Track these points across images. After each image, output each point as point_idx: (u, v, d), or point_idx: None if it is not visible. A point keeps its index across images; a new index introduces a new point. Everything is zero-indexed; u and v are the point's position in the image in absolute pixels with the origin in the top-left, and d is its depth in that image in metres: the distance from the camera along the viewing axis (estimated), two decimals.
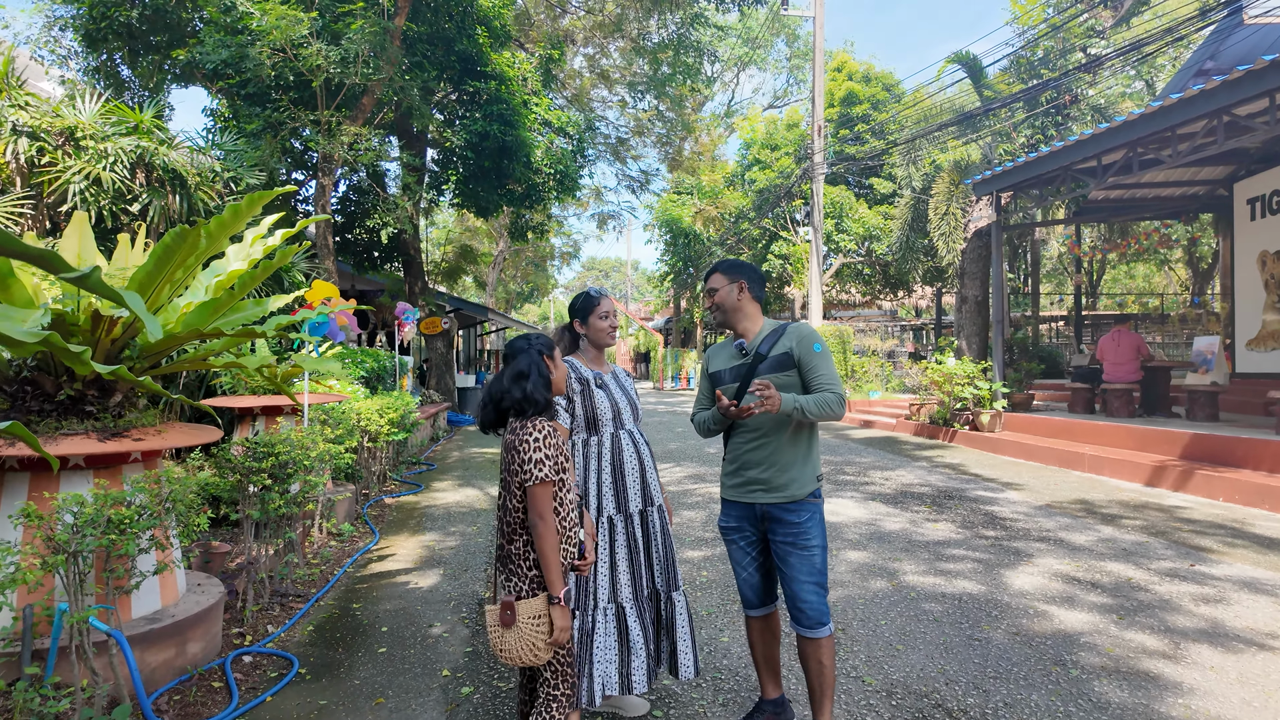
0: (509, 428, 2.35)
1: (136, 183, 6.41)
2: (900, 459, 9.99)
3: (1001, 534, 5.88)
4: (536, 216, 16.49)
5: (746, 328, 2.88)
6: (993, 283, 11.46)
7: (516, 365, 2.35)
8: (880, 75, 21.33)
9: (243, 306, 4.27)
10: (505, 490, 2.36)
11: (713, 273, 2.93)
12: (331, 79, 9.34)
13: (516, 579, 2.35)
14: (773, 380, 2.74)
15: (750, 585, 2.89)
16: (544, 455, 2.29)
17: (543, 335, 2.47)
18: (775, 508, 2.72)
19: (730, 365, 2.91)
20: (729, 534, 2.90)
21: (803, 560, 2.68)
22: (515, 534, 2.34)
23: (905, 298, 25.81)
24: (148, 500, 2.97)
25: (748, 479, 2.80)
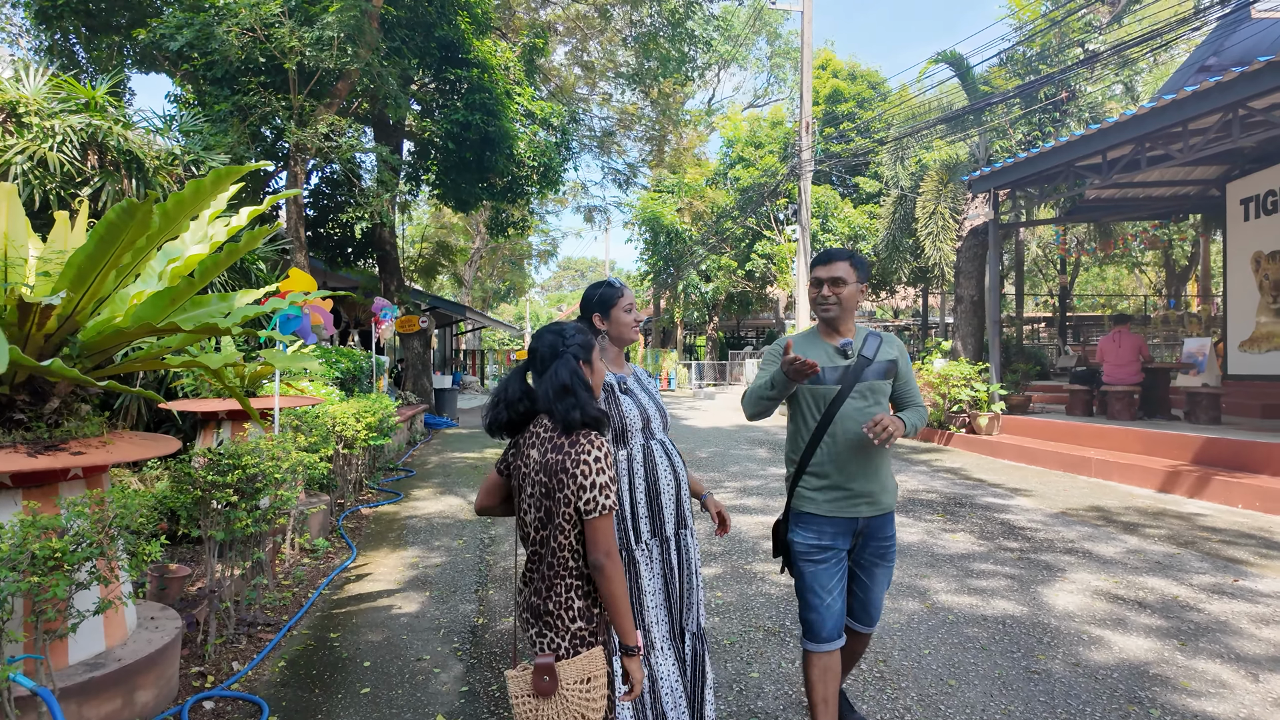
0: (549, 443, 1.91)
1: (88, 165, 5.83)
2: (899, 463, 9.67)
3: (1025, 545, 5.55)
4: (517, 212, 15.97)
5: (849, 328, 2.67)
6: (989, 282, 11.22)
7: (558, 376, 1.92)
8: (865, 73, 21.14)
9: (204, 301, 3.77)
10: (545, 524, 1.91)
11: (841, 260, 2.60)
12: (305, 62, 8.78)
13: (554, 635, 1.91)
14: (876, 387, 2.61)
15: (832, 614, 2.57)
16: (608, 479, 1.88)
17: (579, 332, 2.03)
18: (875, 520, 2.60)
19: (831, 364, 2.62)
20: (818, 554, 2.57)
21: (886, 574, 2.68)
22: (557, 579, 1.90)
23: (887, 298, 25.68)
24: (87, 527, 2.47)
25: (853, 492, 2.56)
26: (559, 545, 1.89)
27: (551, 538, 1.90)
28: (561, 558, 1.90)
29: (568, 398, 1.89)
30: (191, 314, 3.63)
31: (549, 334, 2.00)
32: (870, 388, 2.56)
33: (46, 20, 9.77)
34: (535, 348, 1.99)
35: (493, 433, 2.00)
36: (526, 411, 1.97)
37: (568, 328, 2.02)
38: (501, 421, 1.98)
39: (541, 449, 1.92)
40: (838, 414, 2.54)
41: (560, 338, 1.98)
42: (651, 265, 28.69)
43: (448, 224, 27.09)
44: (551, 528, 1.90)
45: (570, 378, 1.91)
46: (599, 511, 1.86)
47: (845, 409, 2.54)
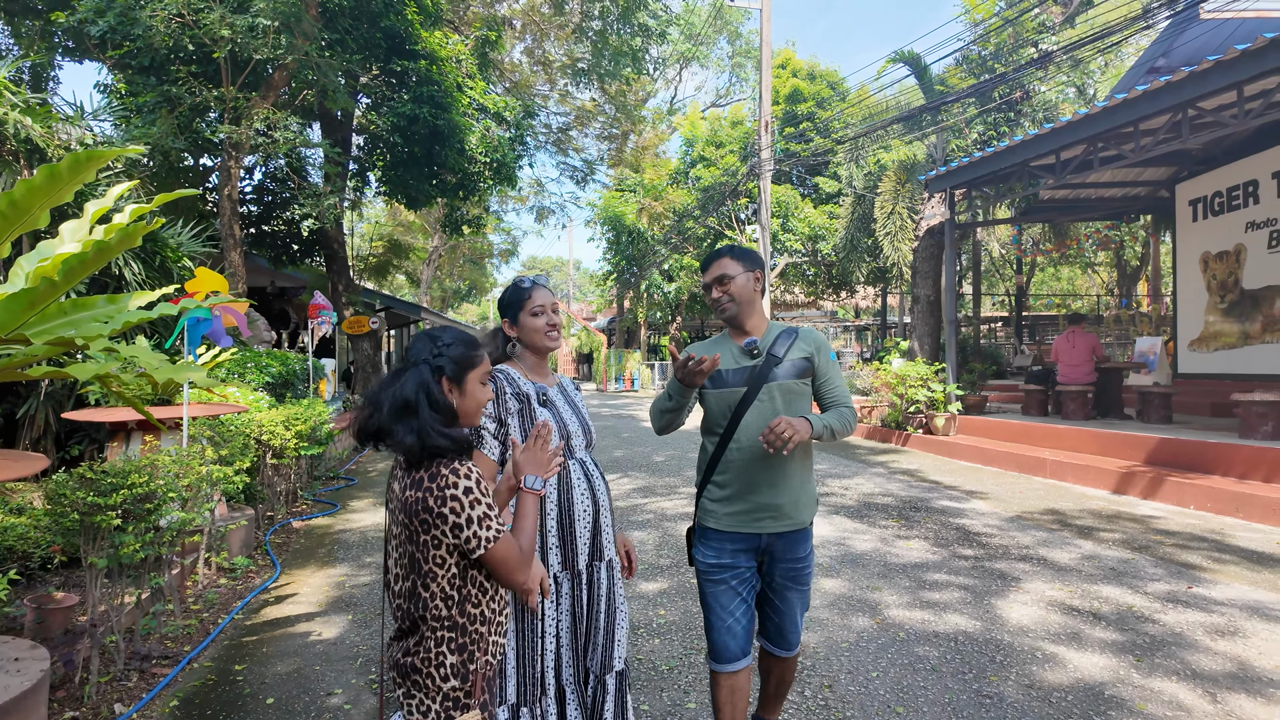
0: (407, 476, 1.63)
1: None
2: (855, 465, 9.55)
3: (980, 552, 5.40)
4: (472, 209, 15.56)
5: (756, 324, 2.45)
6: (945, 282, 11.18)
7: (400, 390, 1.62)
8: (825, 73, 21.14)
9: (90, 304, 3.40)
10: (410, 571, 1.63)
11: (721, 257, 2.45)
12: (237, 51, 8.32)
13: (424, 695, 1.63)
14: (787, 388, 2.35)
15: (735, 635, 2.37)
16: (486, 507, 1.61)
17: (462, 344, 1.74)
18: (782, 538, 2.37)
19: (736, 365, 2.40)
20: (718, 573, 2.38)
21: (800, 597, 2.45)
22: (427, 632, 1.62)
23: (848, 298, 25.78)
24: None
25: (756, 505, 2.34)
26: (429, 594, 1.61)
27: (419, 586, 1.62)
28: (432, 608, 1.62)
29: (407, 419, 1.59)
30: (69, 318, 3.28)
31: (423, 339, 1.71)
32: (780, 389, 2.35)
33: None
34: (407, 350, 1.71)
35: (363, 441, 1.70)
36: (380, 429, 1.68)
37: (446, 336, 1.72)
38: (371, 428, 1.66)
39: (401, 482, 1.64)
40: (743, 419, 2.34)
41: (431, 342, 1.69)
42: (614, 265, 28.42)
43: (405, 222, 26.48)
44: (417, 575, 1.62)
45: (416, 394, 1.61)
46: (486, 545, 1.60)
47: (751, 414, 2.34)
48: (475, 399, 1.75)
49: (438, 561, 1.61)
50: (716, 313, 2.45)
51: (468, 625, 1.66)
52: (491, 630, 1.73)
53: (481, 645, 1.69)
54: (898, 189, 14.26)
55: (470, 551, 1.60)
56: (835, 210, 19.55)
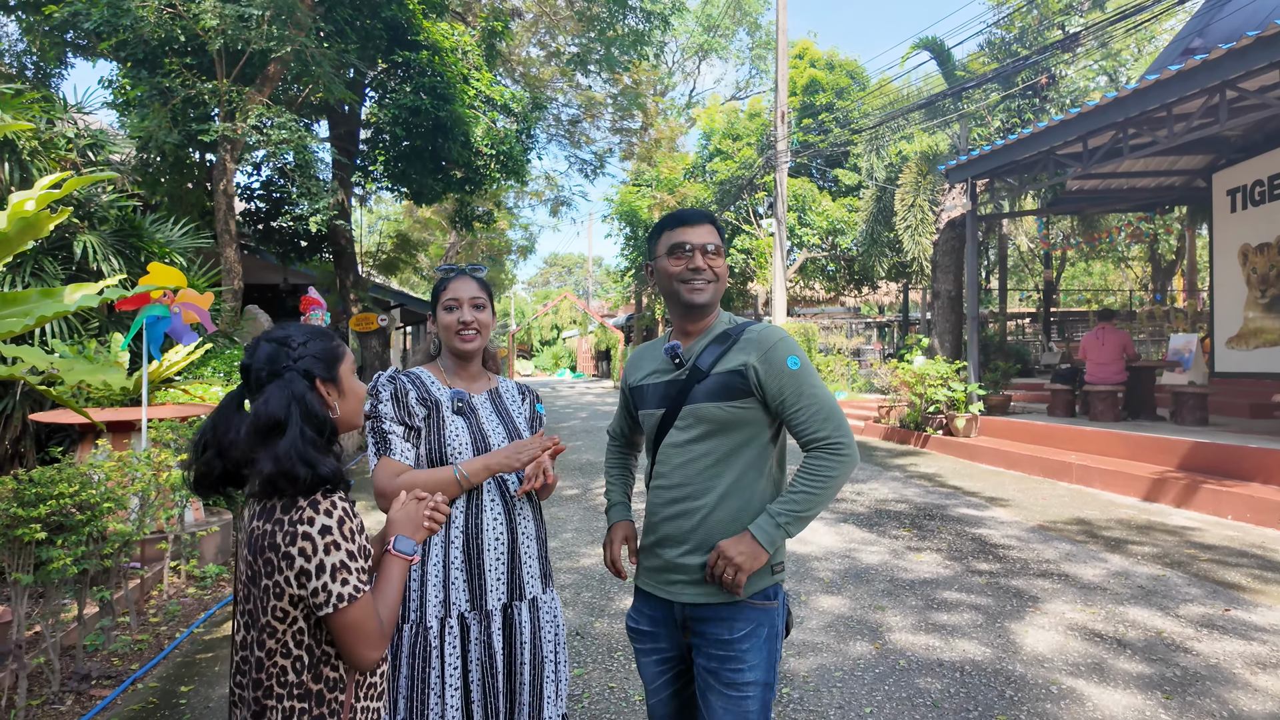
0: (260, 505, 1.33)
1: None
2: (872, 468, 9.14)
3: (997, 567, 5.01)
4: (483, 204, 15.33)
5: (705, 324, 1.87)
6: (967, 277, 10.71)
7: (266, 407, 1.31)
8: (844, 63, 20.59)
9: (21, 297, 3.17)
10: (252, 622, 1.33)
11: (704, 220, 1.85)
12: (229, 43, 8.11)
13: None
14: (705, 414, 1.76)
15: (660, 717, 1.91)
16: (345, 555, 1.29)
17: (317, 337, 1.43)
18: (702, 613, 1.76)
19: (656, 380, 1.89)
20: (637, 639, 1.92)
21: (727, 705, 1.70)
22: (269, 699, 1.31)
23: (870, 294, 25.19)
24: None
25: (665, 562, 1.82)
26: (268, 651, 1.31)
27: (258, 642, 1.31)
28: (273, 669, 1.31)
29: (273, 440, 1.28)
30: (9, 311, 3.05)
31: (267, 343, 1.39)
32: (700, 415, 1.77)
33: None
34: (247, 365, 1.39)
35: (202, 491, 1.38)
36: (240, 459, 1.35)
37: (296, 332, 1.41)
38: (216, 473, 1.35)
39: (253, 512, 1.34)
40: (660, 448, 1.84)
41: (283, 347, 1.38)
42: (631, 260, 28.08)
43: (421, 219, 26.39)
44: (257, 629, 1.31)
45: (287, 410, 1.30)
46: (336, 605, 1.28)
47: (667, 444, 1.82)
48: (356, 394, 1.48)
49: (279, 615, 1.30)
50: (685, 291, 1.81)
51: (325, 692, 1.34)
52: (360, 695, 1.41)
53: (347, 714, 1.38)
54: (919, 180, 13.78)
55: (316, 608, 1.29)
56: (855, 203, 19.05)
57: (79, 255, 5.90)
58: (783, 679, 3.36)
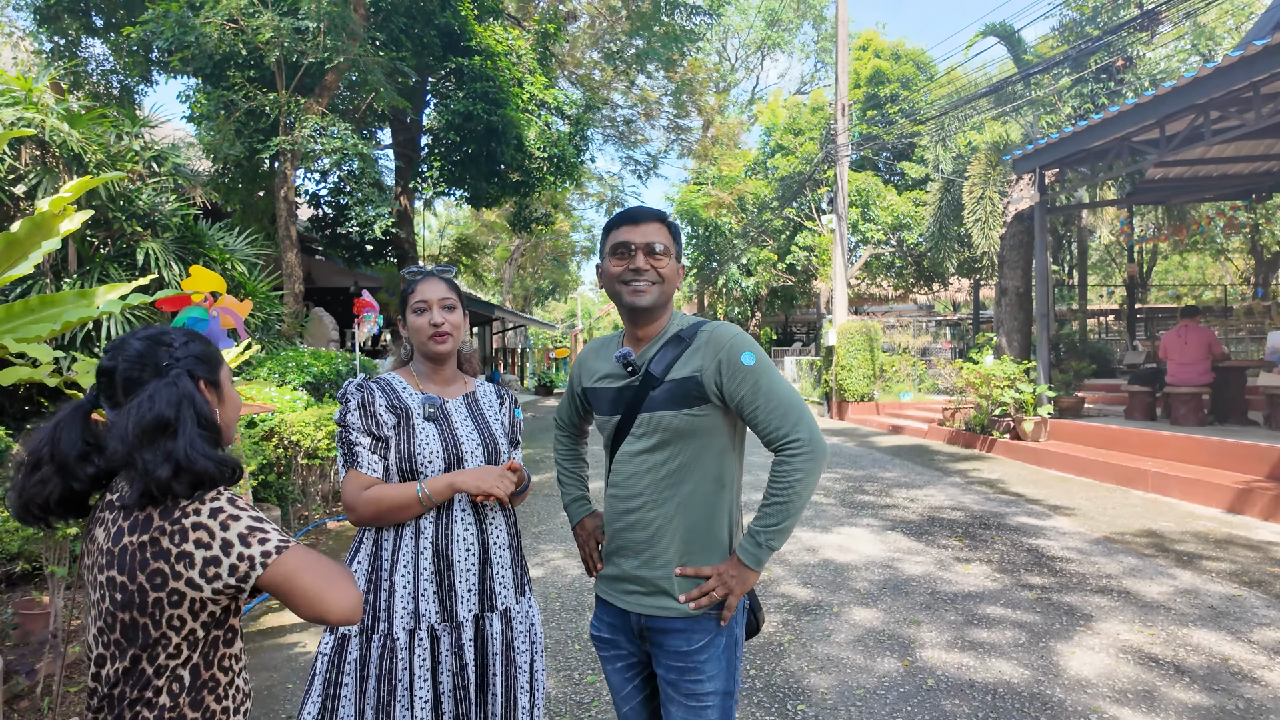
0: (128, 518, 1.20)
1: (22, 161, 5.53)
2: (930, 473, 8.77)
3: (1050, 581, 4.70)
4: (540, 206, 15.50)
5: (657, 328, 1.79)
6: (1036, 272, 10.16)
7: (151, 406, 1.20)
8: (910, 52, 19.88)
9: (59, 299, 3.32)
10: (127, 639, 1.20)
11: (654, 219, 1.75)
12: (287, 54, 8.42)
13: None
14: (660, 422, 1.69)
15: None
16: (249, 520, 1.22)
17: (195, 340, 1.34)
18: (655, 622, 1.70)
19: (609, 385, 1.81)
20: (601, 648, 1.86)
21: (688, 715, 1.66)
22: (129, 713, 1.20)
23: (941, 291, 24.31)
24: None
25: (622, 573, 1.76)
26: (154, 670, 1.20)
27: (140, 663, 1.20)
28: (151, 690, 1.20)
29: (162, 441, 1.18)
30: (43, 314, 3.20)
31: (138, 341, 1.29)
32: (656, 423, 1.69)
33: (46, 21, 9.72)
34: (110, 366, 1.27)
35: (28, 519, 1.25)
36: (97, 475, 1.25)
37: (173, 332, 1.32)
38: (51, 499, 1.23)
39: (113, 529, 1.21)
40: (616, 456, 1.77)
41: (160, 346, 1.28)
42: (693, 260, 27.94)
43: (487, 222, 26.90)
44: (137, 650, 1.20)
45: (177, 409, 1.20)
46: (264, 563, 1.20)
47: (622, 453, 1.75)
48: (234, 403, 1.40)
49: (174, 625, 1.20)
50: (626, 294, 1.73)
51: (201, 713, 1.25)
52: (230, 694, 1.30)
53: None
54: (988, 172, 13.17)
55: (241, 581, 1.19)
56: (922, 197, 18.39)
57: (142, 261, 6.20)
58: (800, 695, 3.22)
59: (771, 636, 3.87)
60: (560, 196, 20.26)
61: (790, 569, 5.04)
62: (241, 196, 11.02)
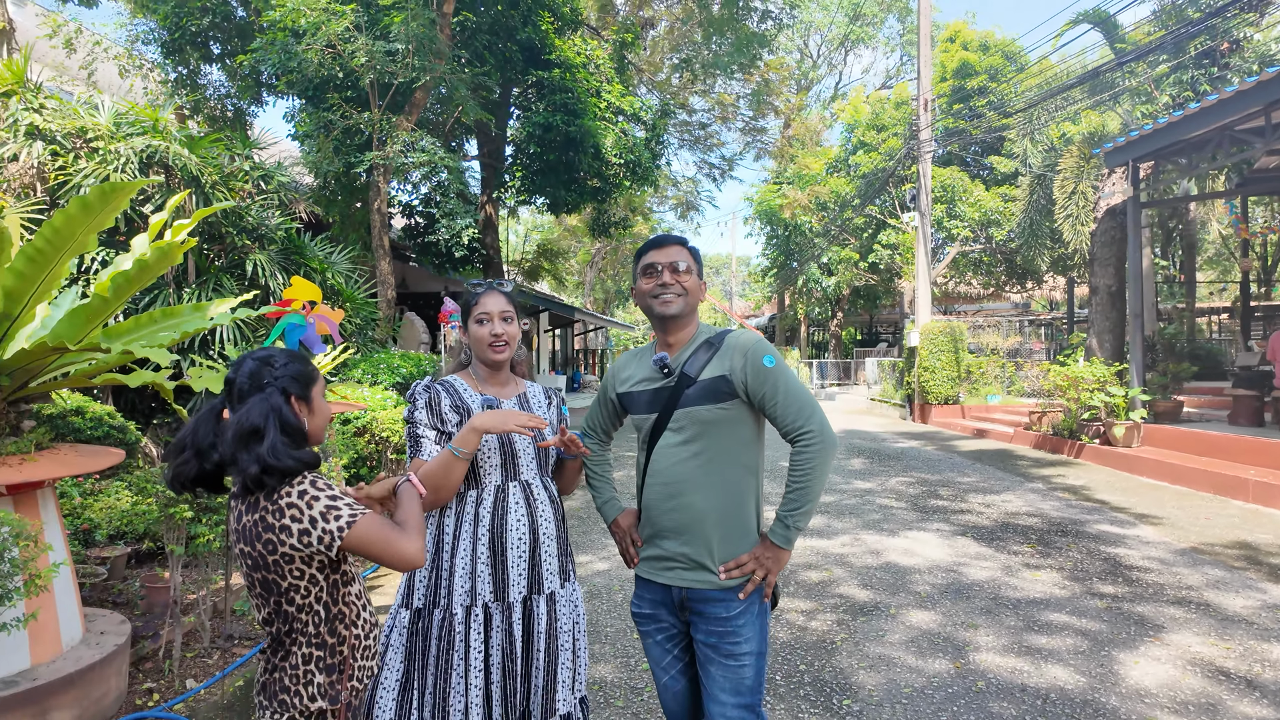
0: (244, 503, 1.57)
1: (149, 183, 6.17)
2: (1011, 479, 8.53)
3: (1124, 590, 4.58)
4: (617, 211, 15.83)
5: (686, 334, 2.05)
6: (1129, 270, 9.69)
7: (248, 417, 1.55)
8: (1000, 43, 19.11)
9: (176, 312, 3.77)
10: (268, 597, 1.59)
11: (674, 243, 2.06)
12: (379, 76, 8.98)
13: (291, 713, 1.60)
14: (697, 416, 1.94)
15: (673, 694, 2.09)
16: (326, 500, 1.55)
17: (296, 360, 1.68)
18: (698, 594, 1.96)
19: (646, 387, 2.07)
20: (641, 623, 2.11)
21: (727, 673, 1.92)
22: (294, 646, 1.59)
23: (1035, 289, 23.27)
24: None
25: (662, 552, 2.01)
26: (295, 609, 1.58)
27: (285, 603, 1.58)
28: (298, 623, 1.59)
29: (253, 444, 1.52)
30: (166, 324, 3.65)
31: (251, 361, 1.64)
32: (692, 418, 1.94)
33: (170, 54, 10.69)
34: (231, 379, 1.64)
35: (178, 488, 1.63)
36: (221, 461, 1.59)
37: (278, 355, 1.67)
38: (191, 474, 1.59)
39: (237, 514, 1.59)
40: (654, 450, 2.01)
41: (267, 367, 1.63)
42: (772, 260, 27.74)
43: (570, 227, 27.52)
44: (278, 595, 1.58)
45: (265, 419, 1.55)
46: (340, 535, 1.53)
47: (662, 444, 1.99)
48: (323, 414, 1.73)
49: (296, 575, 1.57)
50: (656, 305, 2.02)
51: (336, 645, 1.61)
52: (359, 655, 1.67)
53: (349, 670, 1.63)
54: (1081, 165, 12.59)
55: (329, 549, 1.53)
56: (1011, 192, 17.70)
57: (250, 271, 6.80)
58: (847, 691, 3.30)
59: (825, 635, 3.95)
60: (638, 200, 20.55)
61: (851, 570, 5.09)
62: (341, 208, 11.77)
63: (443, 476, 1.98)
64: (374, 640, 1.73)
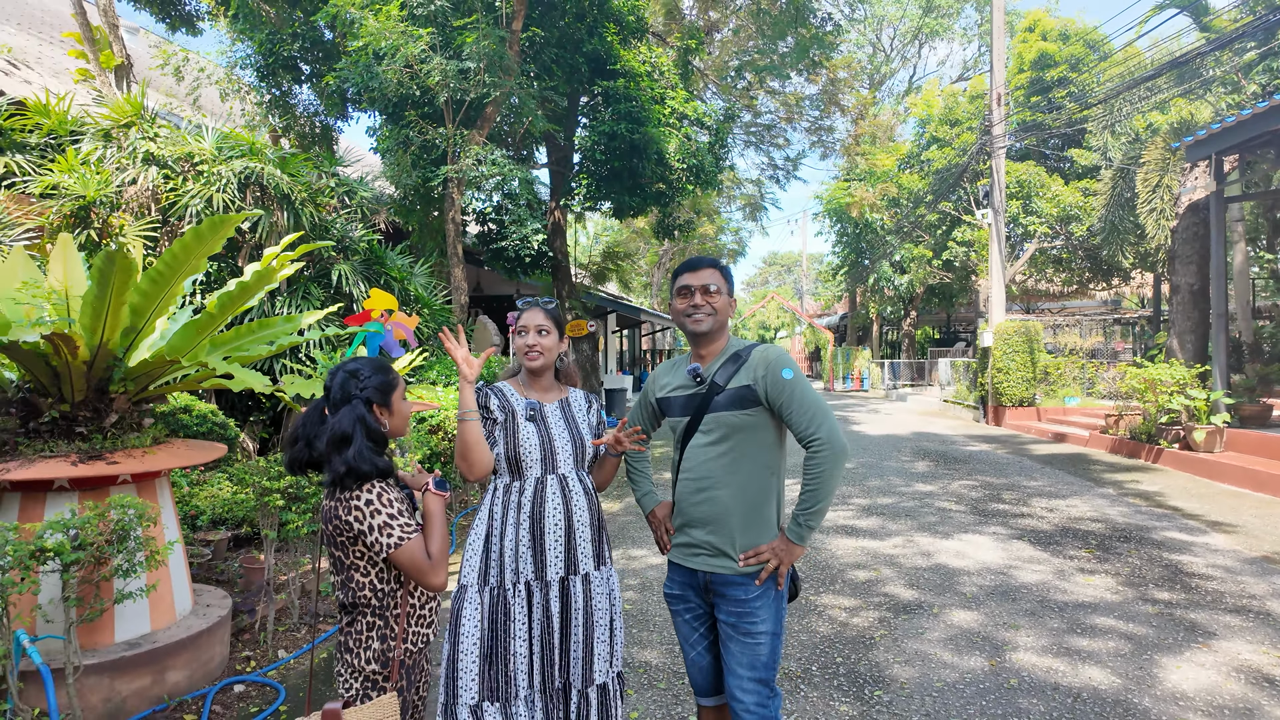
0: (330, 492, 1.91)
1: (247, 201, 6.78)
2: (1081, 483, 8.34)
3: (1180, 598, 4.52)
4: (682, 214, 16.05)
5: (717, 348, 2.32)
6: (1213, 267, 9.29)
7: (339, 425, 1.88)
8: (1080, 31, 18.35)
9: (271, 323, 4.22)
10: (338, 566, 1.93)
11: (708, 266, 2.31)
12: (453, 93, 9.48)
13: (349, 675, 1.92)
14: (724, 421, 2.20)
15: (699, 668, 2.35)
16: (386, 517, 1.86)
17: (379, 371, 1.99)
18: (719, 578, 2.20)
19: (680, 393, 2.33)
20: (672, 603, 2.38)
21: (744, 649, 2.16)
22: (359, 614, 1.92)
23: (1121, 286, 22.22)
24: (88, 533, 2.87)
25: (691, 540, 2.26)
26: (357, 584, 1.91)
27: (349, 577, 1.91)
28: (360, 596, 1.91)
29: (343, 449, 1.85)
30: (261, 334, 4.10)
31: (341, 373, 1.96)
32: (720, 422, 2.19)
33: (264, 77, 11.52)
34: (328, 386, 1.97)
35: (294, 471, 1.99)
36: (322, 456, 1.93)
37: (364, 367, 1.98)
38: (304, 459, 1.95)
39: (326, 496, 1.93)
40: (686, 449, 2.27)
41: (354, 379, 1.94)
42: (843, 258, 27.40)
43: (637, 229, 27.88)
44: (346, 569, 1.91)
45: (353, 426, 1.87)
46: (388, 550, 1.85)
47: (694, 444, 2.25)
48: (402, 415, 2.05)
49: (357, 556, 1.89)
50: (688, 323, 2.28)
51: (391, 618, 1.91)
52: (414, 622, 1.97)
53: (402, 635, 1.93)
54: (1166, 157, 12.07)
55: (378, 555, 1.85)
56: (1091, 186, 17.02)
57: (335, 280, 7.35)
58: (880, 683, 3.45)
59: (865, 631, 4.09)
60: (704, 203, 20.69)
61: (899, 571, 5.18)
62: (420, 218, 12.41)
63: (466, 442, 2.22)
64: (430, 610, 2.02)
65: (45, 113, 6.43)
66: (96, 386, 3.37)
